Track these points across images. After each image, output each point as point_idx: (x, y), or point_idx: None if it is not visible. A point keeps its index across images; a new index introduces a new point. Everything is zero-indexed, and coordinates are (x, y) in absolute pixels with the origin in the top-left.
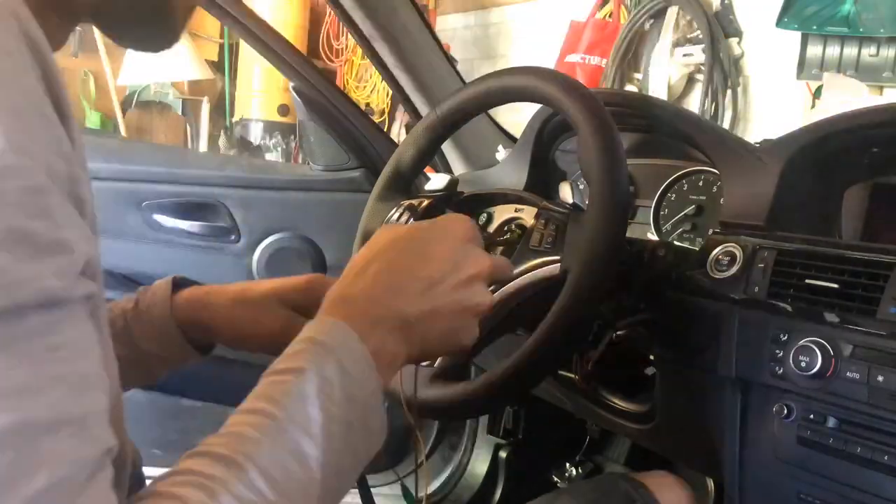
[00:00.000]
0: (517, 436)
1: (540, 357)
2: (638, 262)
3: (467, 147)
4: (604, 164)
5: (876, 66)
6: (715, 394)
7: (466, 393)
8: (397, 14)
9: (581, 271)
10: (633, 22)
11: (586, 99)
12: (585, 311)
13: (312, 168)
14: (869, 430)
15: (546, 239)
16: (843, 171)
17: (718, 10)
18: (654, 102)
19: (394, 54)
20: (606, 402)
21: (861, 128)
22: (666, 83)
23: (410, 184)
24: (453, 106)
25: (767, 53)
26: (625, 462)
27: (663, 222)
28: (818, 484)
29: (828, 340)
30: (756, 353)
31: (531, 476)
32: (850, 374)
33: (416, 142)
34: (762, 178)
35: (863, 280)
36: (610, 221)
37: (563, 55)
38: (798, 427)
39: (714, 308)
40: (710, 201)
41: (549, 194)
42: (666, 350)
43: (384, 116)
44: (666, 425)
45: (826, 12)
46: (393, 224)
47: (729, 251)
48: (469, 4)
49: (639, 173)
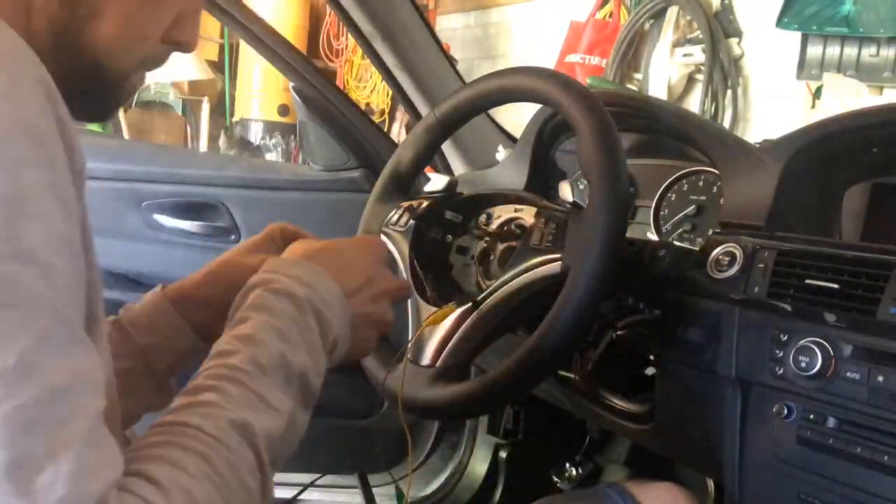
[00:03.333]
0: (517, 436)
1: (539, 357)
2: (638, 262)
3: (467, 147)
4: (604, 164)
5: (876, 66)
6: (715, 394)
7: (466, 393)
8: (397, 14)
9: (581, 270)
10: (633, 22)
11: (586, 99)
12: (585, 311)
13: (312, 168)
14: (869, 430)
15: (546, 237)
16: (843, 172)
17: (718, 10)
18: (654, 102)
19: (394, 54)
20: (606, 402)
21: (861, 128)
22: (666, 83)
23: (410, 184)
24: (453, 106)
25: (767, 53)
26: (625, 462)
27: (663, 222)
28: (818, 484)
29: (828, 340)
30: (756, 354)
31: (531, 476)
32: (850, 375)
33: (415, 143)
34: (762, 178)
35: (863, 280)
36: (610, 220)
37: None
38: (798, 427)
39: (714, 308)
40: (710, 201)
41: (549, 194)
42: (666, 350)
43: (384, 116)
44: (666, 425)
45: (826, 12)
46: (306, 240)
47: (729, 251)
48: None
49: (639, 173)
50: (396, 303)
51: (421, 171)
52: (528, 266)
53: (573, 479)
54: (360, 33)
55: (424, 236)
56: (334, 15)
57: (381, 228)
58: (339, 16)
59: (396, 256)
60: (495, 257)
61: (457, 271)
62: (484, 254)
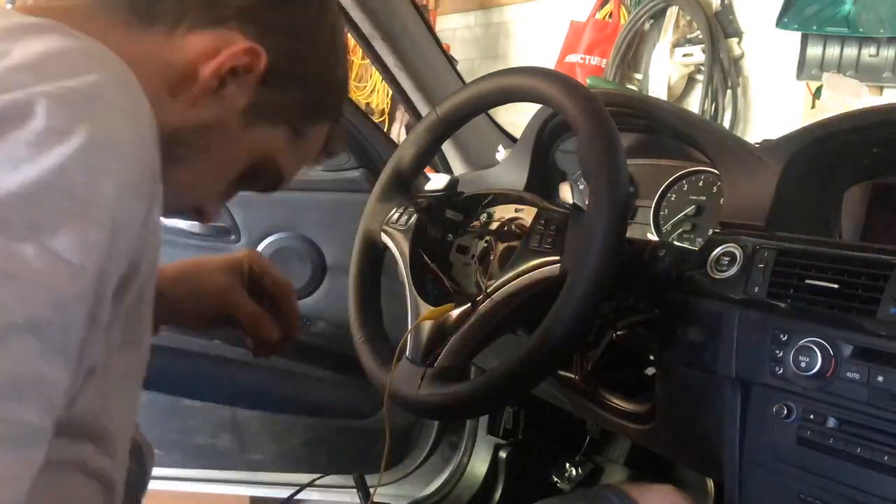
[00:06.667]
0: (517, 436)
1: (539, 357)
2: (638, 262)
3: (467, 147)
4: (604, 165)
5: (876, 66)
6: (715, 394)
7: (465, 393)
8: (397, 14)
9: (581, 272)
10: (633, 22)
11: (586, 99)
12: (584, 314)
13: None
14: (869, 430)
15: (546, 239)
16: (843, 172)
17: (718, 10)
18: (654, 102)
19: (394, 54)
20: (606, 402)
21: (861, 128)
22: (666, 83)
23: (410, 184)
24: (453, 106)
25: (767, 53)
26: (625, 462)
27: (663, 222)
28: (818, 484)
29: (828, 340)
30: (756, 353)
31: (531, 476)
32: (850, 375)
33: (416, 141)
34: (762, 178)
35: (863, 280)
36: (610, 222)
37: (563, 55)
38: (798, 427)
39: (714, 308)
40: (710, 201)
41: (549, 194)
42: (666, 350)
43: (384, 116)
44: (666, 425)
45: (826, 12)
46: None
47: (729, 251)
48: (469, 4)
49: (639, 173)
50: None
51: (422, 170)
52: (527, 268)
53: (573, 479)
54: (360, 33)
55: (425, 235)
56: None
57: (382, 227)
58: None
59: (397, 255)
60: (495, 257)
61: (457, 270)
62: (484, 253)
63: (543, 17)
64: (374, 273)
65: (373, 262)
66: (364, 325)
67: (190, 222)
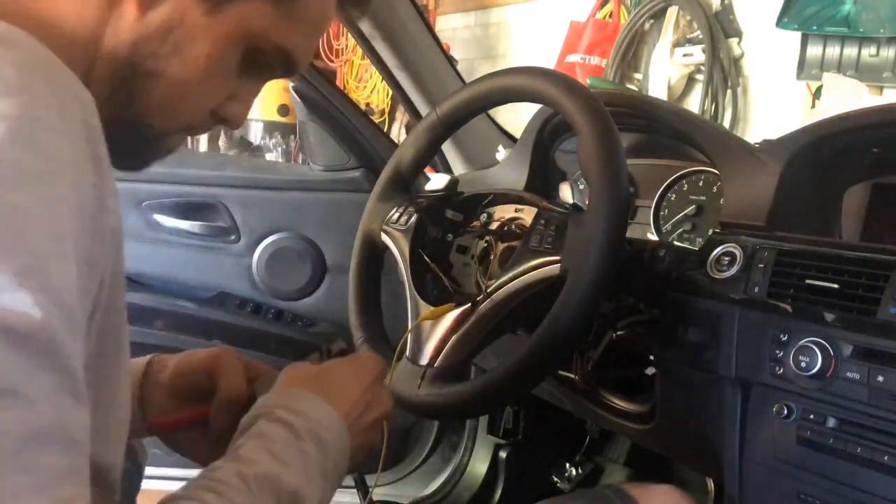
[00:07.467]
0: (517, 436)
1: (539, 357)
2: (638, 262)
3: (467, 147)
4: (604, 165)
5: (876, 66)
6: (715, 394)
7: (466, 393)
8: (397, 14)
9: (581, 272)
10: (633, 22)
11: (586, 99)
12: (584, 314)
13: (312, 168)
14: (869, 430)
15: (546, 239)
16: (842, 172)
17: (718, 10)
18: (654, 102)
19: (394, 54)
20: (606, 402)
21: (861, 128)
22: (666, 83)
23: (410, 184)
24: (453, 106)
25: (767, 53)
26: (625, 462)
27: (663, 222)
28: (818, 484)
29: (828, 340)
30: (756, 353)
31: (531, 476)
32: (850, 375)
33: (416, 142)
34: (762, 178)
35: (863, 280)
36: (610, 222)
37: (563, 55)
38: (798, 427)
39: (714, 308)
40: (710, 201)
41: (549, 194)
42: (666, 350)
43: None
44: (666, 425)
45: (826, 12)
46: (300, 365)
47: (729, 251)
48: (469, 4)
49: (639, 173)
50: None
51: (422, 169)
52: (527, 268)
53: (573, 479)
54: (360, 33)
55: (425, 235)
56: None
57: (382, 227)
58: (338, 16)
59: (397, 255)
60: (495, 257)
61: (457, 270)
62: (484, 253)
63: (543, 17)
64: (374, 273)
65: (373, 262)
66: (364, 325)
67: (190, 222)
